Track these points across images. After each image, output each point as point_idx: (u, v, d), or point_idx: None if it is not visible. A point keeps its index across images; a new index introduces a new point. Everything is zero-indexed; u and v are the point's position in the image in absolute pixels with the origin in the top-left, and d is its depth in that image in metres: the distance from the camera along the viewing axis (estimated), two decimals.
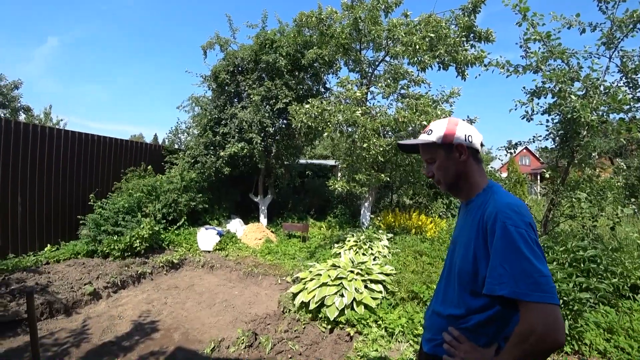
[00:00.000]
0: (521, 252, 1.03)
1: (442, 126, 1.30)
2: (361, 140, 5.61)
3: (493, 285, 1.07)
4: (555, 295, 1.00)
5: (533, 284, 1.00)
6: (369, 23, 6.27)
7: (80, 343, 3.84)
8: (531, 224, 1.09)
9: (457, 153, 1.28)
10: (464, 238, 1.25)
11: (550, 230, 5.14)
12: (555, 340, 0.97)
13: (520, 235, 1.05)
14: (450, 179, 1.31)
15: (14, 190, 6.01)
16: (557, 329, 0.97)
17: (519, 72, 4.88)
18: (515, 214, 1.09)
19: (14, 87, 12.84)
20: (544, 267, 1.02)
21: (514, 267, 1.03)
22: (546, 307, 0.98)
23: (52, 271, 5.52)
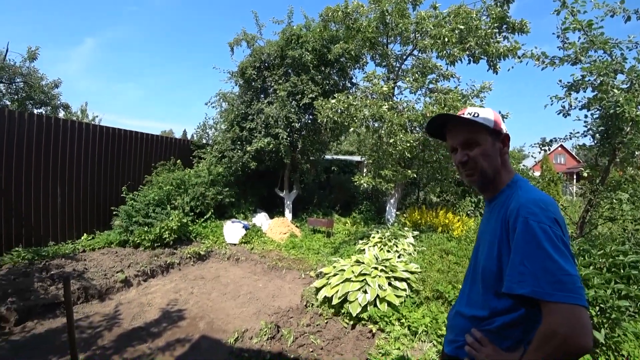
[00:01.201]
0: (544, 249, 0.96)
1: (489, 112, 1.22)
2: (387, 135, 5.53)
3: (512, 283, 1.00)
4: (582, 296, 0.92)
5: (556, 283, 0.93)
6: (396, 16, 6.14)
7: (112, 327, 4.03)
8: (557, 220, 1.02)
9: (502, 144, 1.22)
10: (488, 236, 1.20)
11: (587, 232, 4.87)
12: (580, 345, 0.89)
13: (543, 231, 0.98)
14: (491, 169, 1.21)
15: (54, 183, 6.36)
16: (584, 332, 0.89)
17: (556, 64, 4.62)
18: (540, 209, 1.03)
19: (54, 86, 13.62)
20: (569, 265, 0.95)
21: (535, 264, 0.96)
22: (571, 308, 0.91)
23: (87, 259, 5.81)
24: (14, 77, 12.43)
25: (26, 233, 6.00)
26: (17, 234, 5.87)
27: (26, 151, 5.93)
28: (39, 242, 6.15)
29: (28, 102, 12.75)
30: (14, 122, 5.76)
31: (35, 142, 6.04)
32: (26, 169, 5.94)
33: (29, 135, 5.97)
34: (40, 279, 4.83)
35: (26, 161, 5.94)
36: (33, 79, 12.74)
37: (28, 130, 5.96)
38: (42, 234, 6.22)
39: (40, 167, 6.13)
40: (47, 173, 6.24)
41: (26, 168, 5.94)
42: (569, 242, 1.01)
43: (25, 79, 12.63)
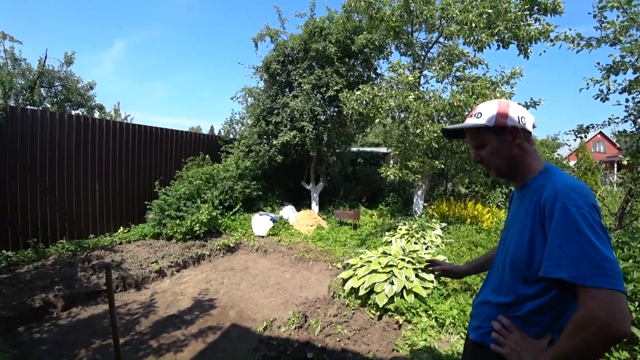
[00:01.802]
0: (583, 233, 0.95)
1: (492, 108, 1.23)
2: (414, 126, 5.44)
3: (551, 267, 0.99)
4: (621, 282, 0.91)
5: (596, 268, 0.92)
6: (420, 3, 5.98)
7: (148, 314, 4.24)
8: (595, 206, 1.02)
9: (511, 136, 1.20)
10: (518, 224, 1.19)
11: (627, 224, 4.62)
12: (618, 330, 0.88)
13: (582, 217, 0.97)
14: (505, 164, 1.23)
15: (92, 179, 6.74)
16: (623, 317, 0.89)
17: (592, 46, 4.38)
18: (577, 194, 1.02)
19: (89, 88, 14.37)
20: (608, 251, 0.94)
21: (574, 249, 0.95)
22: (611, 294, 0.90)
23: (124, 250, 6.13)
24: (53, 81, 13.22)
25: (69, 226, 6.41)
26: (61, 228, 6.28)
27: (67, 151, 6.31)
28: (80, 235, 6.55)
29: (66, 104, 13.51)
30: (55, 123, 6.14)
31: (75, 142, 6.41)
32: (67, 167, 6.33)
33: (69, 136, 6.34)
34: (83, 268, 5.14)
35: (67, 160, 6.32)
36: (70, 82, 13.49)
37: (68, 131, 6.33)
38: (82, 228, 6.62)
39: (80, 165, 6.51)
40: (86, 170, 6.62)
41: (67, 166, 6.33)
42: (604, 227, 1.00)
43: (63, 83, 13.39)
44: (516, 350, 1.09)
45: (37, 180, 5.94)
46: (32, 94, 11.93)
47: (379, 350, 3.27)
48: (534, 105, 5.89)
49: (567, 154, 26.17)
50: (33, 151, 5.87)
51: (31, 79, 12.26)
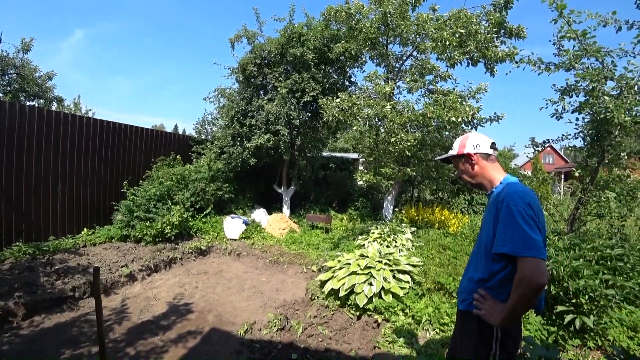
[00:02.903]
0: (518, 223, 1.41)
1: (457, 142, 1.83)
2: (388, 134, 5.68)
3: (498, 245, 1.47)
4: (542, 252, 1.36)
5: (525, 244, 1.37)
6: (397, 18, 6.29)
7: (121, 320, 4.09)
8: (529, 204, 1.46)
9: (469, 160, 1.76)
10: (487, 220, 1.66)
11: (577, 228, 5.13)
12: (540, 283, 1.32)
13: (518, 212, 1.43)
14: (470, 178, 1.80)
15: (54, 177, 6.34)
16: (541, 273, 1.33)
17: (551, 70, 4.85)
18: (518, 197, 1.48)
19: (47, 79, 13.40)
20: (534, 234, 1.39)
21: (512, 233, 1.42)
22: (534, 260, 1.34)
23: (90, 253, 5.84)
24: (6, 69, 12.20)
25: (26, 228, 5.98)
26: (17, 229, 5.85)
27: (27, 145, 5.89)
28: (39, 237, 6.14)
29: (21, 95, 12.52)
30: (13, 114, 5.71)
31: (35, 136, 6.01)
32: (26, 163, 5.91)
33: (30, 129, 5.93)
34: (46, 273, 4.85)
35: (26, 155, 5.91)
36: (26, 70, 12.52)
37: (29, 123, 5.91)
38: (42, 229, 6.20)
39: (40, 161, 6.10)
40: (47, 167, 6.21)
41: (26, 162, 5.91)
42: (539, 219, 1.46)
43: (18, 71, 12.40)
44: (489, 311, 1.53)
45: None
46: None
47: (360, 348, 3.41)
48: (497, 119, 6.34)
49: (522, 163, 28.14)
50: None
51: None
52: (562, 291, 3.36)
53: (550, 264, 3.49)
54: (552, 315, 3.46)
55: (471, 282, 1.69)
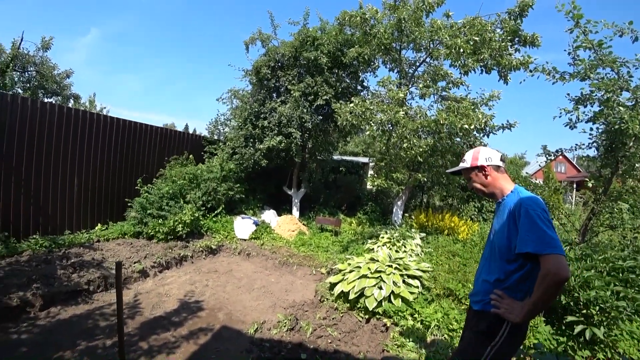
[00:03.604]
0: (538, 225, 1.57)
1: (470, 155, 1.98)
2: (400, 139, 5.72)
3: (522, 246, 1.60)
4: (561, 249, 1.51)
5: (546, 244, 1.52)
6: (411, 24, 6.33)
7: (134, 315, 4.18)
8: (544, 209, 1.64)
9: (483, 171, 1.92)
10: (500, 225, 1.81)
11: (588, 239, 5.10)
12: (563, 276, 1.45)
13: (537, 215, 1.59)
14: (483, 187, 1.95)
15: (71, 173, 6.50)
16: (564, 268, 1.46)
17: (566, 79, 4.84)
18: (534, 203, 1.65)
19: (65, 76, 13.73)
20: (553, 233, 1.55)
21: (534, 234, 1.56)
22: (555, 256, 1.49)
23: (104, 248, 5.97)
24: (27, 66, 12.53)
25: (43, 221, 6.14)
26: (34, 222, 6.02)
27: (46, 141, 6.06)
28: (55, 231, 6.30)
29: (40, 91, 12.85)
30: (36, 111, 5.88)
31: (55, 132, 6.18)
32: (45, 159, 6.08)
33: (49, 125, 6.09)
34: (62, 266, 4.97)
35: (46, 151, 6.07)
36: (45, 68, 12.84)
37: (49, 120, 6.08)
38: (58, 223, 6.37)
39: (58, 157, 6.27)
40: (65, 163, 6.38)
41: (45, 158, 6.08)
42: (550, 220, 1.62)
43: (38, 68, 12.73)
44: (508, 309, 1.66)
45: (12, 170, 5.67)
46: (3, 77, 11.25)
47: (368, 351, 3.45)
48: (509, 127, 6.34)
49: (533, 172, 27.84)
50: (10, 139, 5.59)
51: (2, 61, 11.55)
52: (572, 301, 3.36)
53: None
54: (561, 325, 3.46)
55: (486, 284, 1.82)
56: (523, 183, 9.70)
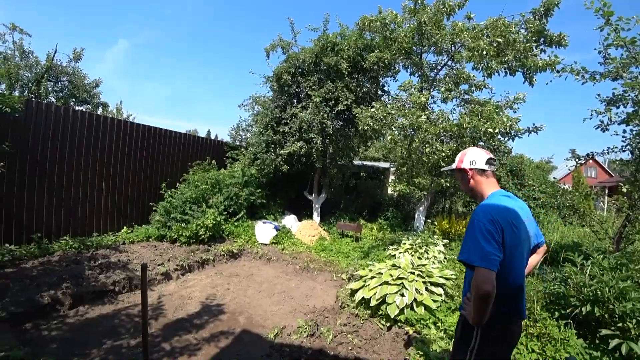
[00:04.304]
0: (475, 236, 1.62)
1: (458, 157, 2.01)
2: (422, 144, 5.63)
3: (460, 254, 1.68)
4: (491, 263, 1.54)
5: (477, 255, 1.56)
6: (432, 27, 6.25)
7: (157, 317, 4.27)
8: (490, 219, 1.63)
9: (465, 174, 1.95)
10: None
11: (623, 247, 4.84)
12: (484, 290, 1.50)
13: (478, 226, 1.63)
14: (467, 189, 2.00)
15: (99, 177, 6.76)
16: (487, 282, 1.50)
17: (596, 79, 4.65)
18: (483, 212, 1.68)
19: (95, 85, 14.39)
20: (487, 246, 1.57)
21: (469, 244, 1.63)
22: (482, 270, 1.53)
23: (129, 251, 6.13)
24: (60, 76, 13.21)
25: (73, 223, 6.40)
26: (65, 224, 6.29)
27: (77, 147, 6.33)
28: (84, 233, 6.55)
29: (71, 100, 13.49)
30: (68, 118, 6.18)
31: (85, 139, 6.45)
32: (76, 164, 6.35)
33: (81, 132, 6.38)
34: (90, 267, 5.14)
35: (77, 156, 6.34)
36: (77, 78, 13.50)
37: (80, 127, 6.37)
38: (87, 225, 6.62)
39: (88, 162, 6.54)
40: (93, 168, 6.64)
41: (76, 162, 6.35)
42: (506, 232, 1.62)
43: (70, 78, 13.40)
44: (468, 311, 1.69)
45: (46, 174, 5.95)
46: (38, 87, 11.90)
47: (390, 359, 3.37)
48: (536, 130, 6.12)
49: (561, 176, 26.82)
50: (44, 145, 5.89)
51: (38, 72, 12.23)
52: (607, 314, 3.17)
53: (594, 284, 3.32)
54: (595, 339, 3.28)
55: (464, 288, 1.93)
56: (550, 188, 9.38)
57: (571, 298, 3.46)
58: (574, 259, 3.83)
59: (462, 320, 1.83)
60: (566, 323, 3.39)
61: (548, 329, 3.27)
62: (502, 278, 1.61)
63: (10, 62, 11.80)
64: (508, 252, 1.63)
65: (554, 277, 4.12)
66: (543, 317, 3.47)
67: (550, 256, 5.25)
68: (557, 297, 3.73)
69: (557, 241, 5.66)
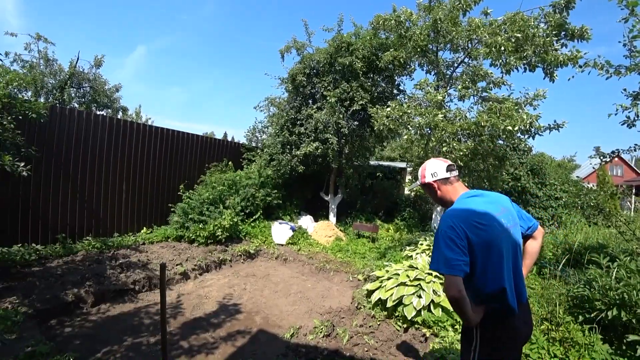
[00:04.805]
0: (438, 244, 1.66)
1: (419, 173, 2.03)
2: (439, 143, 5.54)
3: (430, 264, 1.72)
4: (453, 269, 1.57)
5: (442, 263, 1.61)
6: (448, 24, 6.15)
7: (176, 315, 4.35)
8: (451, 226, 1.65)
9: (431, 188, 1.96)
10: None
11: None
12: (450, 295, 1.57)
13: (440, 235, 1.67)
14: (436, 200, 2.01)
15: (120, 179, 6.95)
16: (451, 287, 1.56)
17: (621, 73, 4.47)
18: (443, 220, 1.72)
19: (115, 90, 14.85)
20: (449, 253, 1.60)
21: (435, 253, 1.68)
22: (447, 276, 1.59)
23: (148, 251, 6.27)
24: (82, 83, 13.70)
25: (95, 224, 6.60)
26: (88, 225, 6.49)
27: (99, 150, 6.53)
28: (106, 233, 6.74)
29: (92, 105, 13.96)
30: (90, 123, 6.39)
31: (106, 142, 6.64)
32: (98, 167, 6.54)
33: (102, 136, 6.58)
34: (111, 266, 5.28)
35: (98, 159, 6.54)
36: (98, 84, 13.96)
37: (101, 131, 6.57)
38: (108, 226, 6.81)
39: (109, 164, 6.73)
40: (114, 170, 6.83)
41: (98, 165, 6.54)
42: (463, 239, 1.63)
43: (91, 84, 13.87)
44: None
45: (70, 177, 6.16)
46: (62, 93, 12.37)
47: None
48: (557, 127, 5.92)
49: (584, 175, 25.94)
50: (68, 149, 6.10)
51: (62, 79, 12.73)
52: (634, 319, 3.03)
53: (621, 287, 3.19)
54: (622, 345, 3.15)
55: None
56: (573, 187, 9.08)
57: (596, 301, 3.33)
58: (599, 260, 3.69)
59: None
60: (591, 327, 3.27)
61: (571, 334, 3.16)
62: (480, 278, 1.66)
63: (35, 70, 12.31)
64: (480, 252, 1.64)
65: (578, 280, 3.98)
66: (566, 320, 3.36)
67: (573, 257, 5.09)
68: (581, 300, 3.60)
69: (581, 242, 5.46)
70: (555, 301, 3.73)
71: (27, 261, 5.13)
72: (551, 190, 9.50)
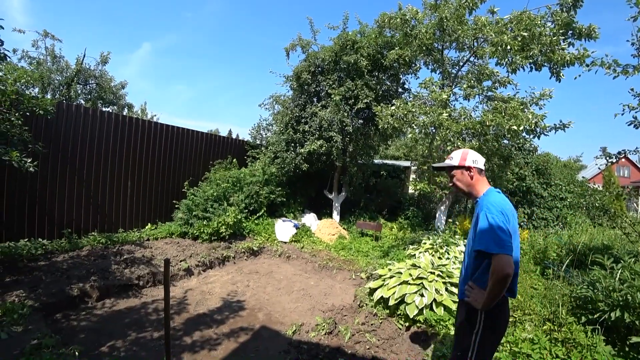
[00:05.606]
0: (490, 226, 1.80)
1: (458, 155, 2.15)
2: (444, 142, 5.53)
3: (476, 244, 1.86)
4: (507, 249, 1.73)
5: (494, 243, 1.75)
6: (454, 23, 6.12)
7: (180, 311, 4.38)
8: (502, 212, 1.84)
9: (468, 171, 2.09)
10: (473, 225, 2.02)
11: None
12: (506, 272, 1.70)
13: (491, 218, 1.82)
14: (464, 187, 2.12)
15: (125, 175, 7.00)
16: (507, 265, 1.70)
17: (629, 73, 4.43)
18: (492, 206, 1.87)
19: (121, 87, 14.94)
20: (503, 235, 1.76)
21: (485, 235, 1.80)
22: (501, 256, 1.72)
23: (153, 247, 6.32)
24: (88, 79, 13.79)
25: (100, 220, 6.66)
26: (93, 220, 6.54)
27: (104, 146, 6.58)
28: (110, 229, 6.80)
29: (99, 102, 14.06)
30: (96, 119, 6.43)
31: (112, 139, 6.69)
32: (104, 163, 6.60)
33: (108, 132, 6.63)
34: (116, 262, 5.34)
35: (104, 155, 6.59)
36: (104, 80, 14.05)
37: (107, 128, 6.61)
38: (113, 222, 6.87)
39: (115, 161, 6.77)
40: (120, 166, 6.88)
41: (104, 161, 6.60)
42: (510, 223, 1.83)
43: (97, 81, 13.97)
44: (474, 298, 1.91)
45: (76, 173, 6.21)
46: (68, 90, 12.47)
47: (408, 359, 3.33)
48: (563, 127, 5.89)
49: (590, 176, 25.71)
50: (74, 145, 6.15)
51: (68, 76, 12.82)
52: (638, 320, 3.02)
53: (624, 289, 3.17)
54: (624, 346, 3.13)
55: (465, 276, 2.09)
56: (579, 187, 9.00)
57: (599, 303, 3.32)
58: (603, 262, 3.67)
59: (466, 307, 2.02)
60: (593, 329, 3.26)
61: (574, 334, 3.15)
62: None
63: (42, 67, 12.42)
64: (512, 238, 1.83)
65: (582, 281, 3.96)
66: (569, 321, 3.35)
67: (577, 258, 5.06)
68: (585, 301, 3.58)
69: (585, 243, 5.43)
70: (558, 302, 3.71)
71: (34, 256, 5.19)
72: (556, 190, 9.44)
